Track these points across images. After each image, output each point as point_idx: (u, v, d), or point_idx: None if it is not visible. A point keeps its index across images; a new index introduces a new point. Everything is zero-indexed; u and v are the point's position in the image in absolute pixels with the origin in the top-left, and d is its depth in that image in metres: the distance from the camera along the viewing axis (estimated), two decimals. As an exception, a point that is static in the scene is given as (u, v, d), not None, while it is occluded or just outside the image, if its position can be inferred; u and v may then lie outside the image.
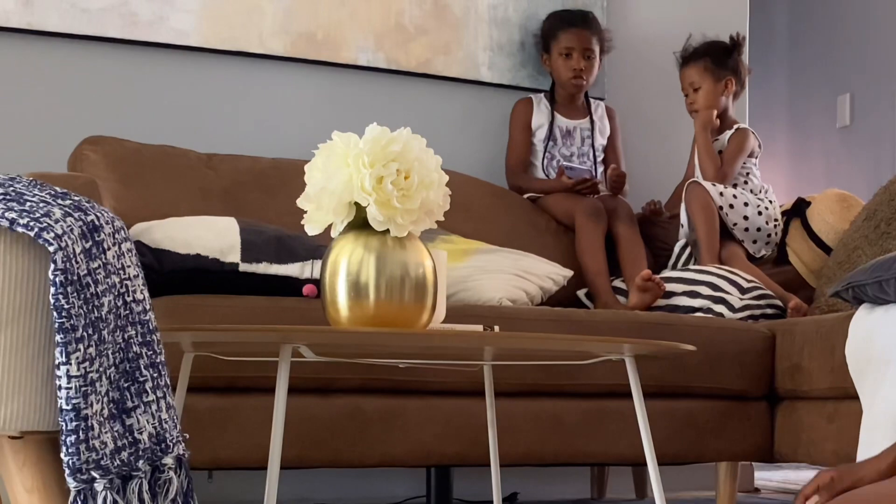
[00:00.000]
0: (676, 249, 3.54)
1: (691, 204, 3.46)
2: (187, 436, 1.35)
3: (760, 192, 3.58)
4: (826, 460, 2.75)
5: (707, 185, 3.48)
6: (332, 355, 2.11)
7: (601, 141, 3.71)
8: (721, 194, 3.47)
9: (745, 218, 3.48)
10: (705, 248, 3.39)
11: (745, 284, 3.17)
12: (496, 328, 2.19)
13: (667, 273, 3.33)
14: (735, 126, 3.65)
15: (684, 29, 3.85)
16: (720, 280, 3.18)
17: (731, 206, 3.47)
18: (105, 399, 1.24)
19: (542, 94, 3.71)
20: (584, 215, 3.45)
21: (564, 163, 3.61)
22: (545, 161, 3.63)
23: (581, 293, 3.36)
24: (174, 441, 1.31)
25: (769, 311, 3.17)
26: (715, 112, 3.61)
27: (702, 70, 3.64)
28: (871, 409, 2.40)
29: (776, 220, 3.55)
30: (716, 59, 3.65)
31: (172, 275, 2.50)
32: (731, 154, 3.58)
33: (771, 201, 3.57)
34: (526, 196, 3.59)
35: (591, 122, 3.70)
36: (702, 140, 3.57)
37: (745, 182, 3.58)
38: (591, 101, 3.73)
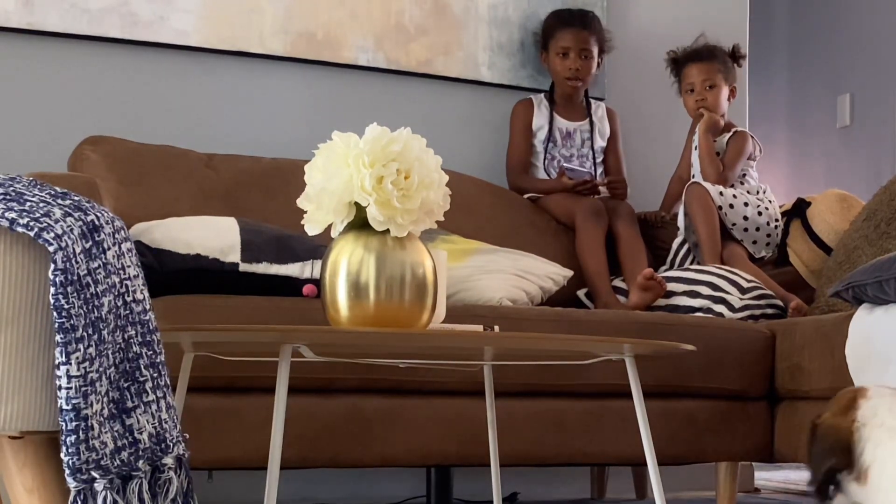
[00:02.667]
0: (674, 246, 3.54)
1: (691, 205, 3.46)
2: (187, 436, 1.35)
3: (758, 192, 3.58)
4: (826, 460, 2.74)
5: (707, 185, 3.48)
6: (332, 355, 2.11)
7: (601, 143, 3.71)
8: (721, 194, 3.47)
9: (745, 218, 3.48)
10: (706, 248, 3.39)
11: (746, 284, 3.17)
12: (496, 328, 2.19)
13: (667, 273, 3.33)
14: (733, 129, 3.65)
15: (684, 29, 3.85)
16: (720, 280, 3.18)
17: (731, 206, 3.47)
18: (105, 399, 1.24)
19: (541, 95, 3.71)
20: (584, 215, 3.45)
21: (565, 164, 3.61)
22: (546, 162, 3.63)
23: (581, 293, 3.36)
24: (174, 441, 1.31)
25: (769, 311, 3.16)
26: (721, 116, 3.62)
27: (719, 70, 3.64)
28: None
29: (776, 219, 3.55)
30: (729, 64, 3.66)
31: (172, 275, 2.50)
32: (731, 158, 3.58)
33: (770, 201, 3.57)
34: (526, 196, 3.59)
35: (591, 123, 3.70)
36: (705, 143, 3.56)
37: (742, 183, 3.59)
38: (592, 101, 3.73)
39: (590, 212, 3.45)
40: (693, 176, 3.63)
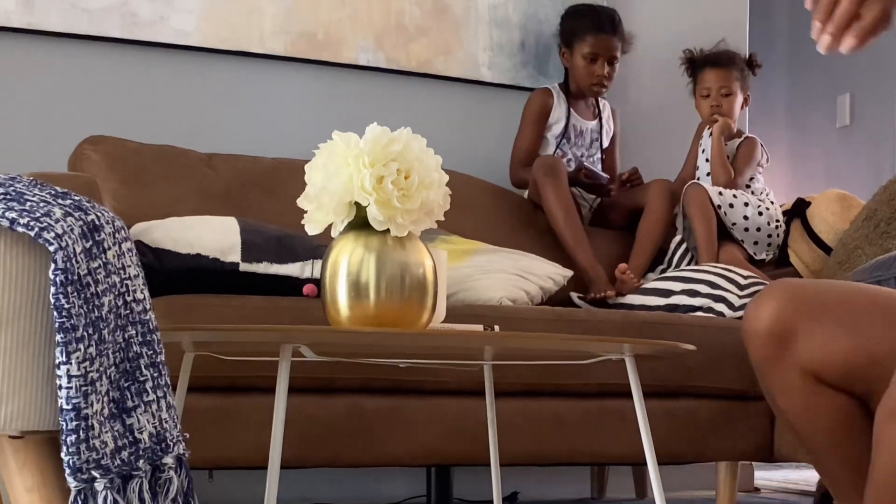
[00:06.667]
0: (672, 246, 3.54)
1: (689, 205, 3.46)
2: (188, 435, 1.35)
3: (761, 193, 3.59)
4: (826, 460, 2.74)
5: (706, 185, 3.48)
6: (332, 355, 2.11)
7: (605, 143, 3.70)
8: (720, 194, 3.47)
9: (745, 218, 3.48)
10: (704, 249, 3.40)
11: (743, 281, 3.17)
12: (496, 328, 2.19)
13: (665, 273, 3.33)
14: (744, 136, 3.66)
15: (685, 29, 3.86)
16: (718, 278, 3.18)
17: (731, 206, 3.47)
18: (105, 399, 1.24)
19: (557, 87, 3.65)
20: (541, 172, 3.41)
21: (587, 165, 3.58)
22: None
23: (574, 296, 3.33)
24: (174, 441, 1.31)
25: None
26: (734, 122, 3.63)
27: (737, 77, 3.64)
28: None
29: (777, 220, 3.55)
30: (746, 72, 3.67)
31: (172, 275, 2.50)
32: (742, 164, 3.58)
33: (772, 202, 3.57)
34: (526, 195, 3.58)
35: (600, 124, 3.69)
36: (717, 148, 3.56)
37: (748, 186, 3.59)
38: (598, 100, 3.71)
39: (545, 169, 3.41)
40: (698, 179, 3.63)
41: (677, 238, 3.53)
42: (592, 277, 3.31)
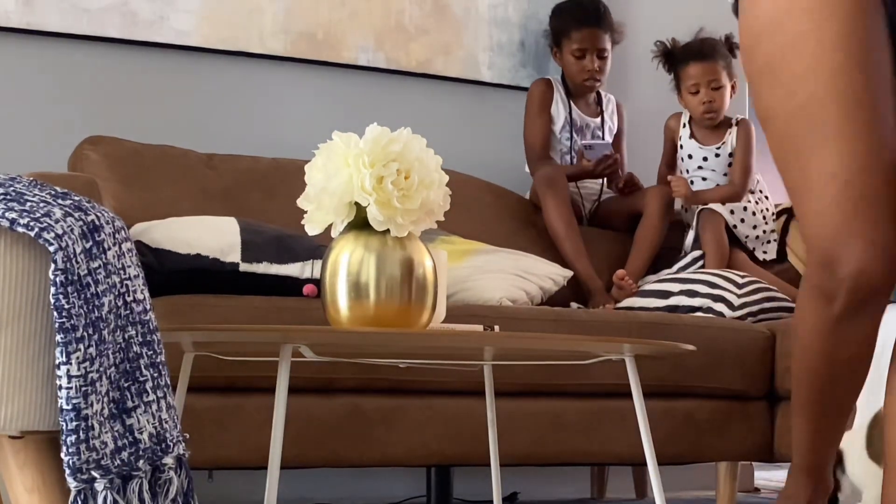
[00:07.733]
0: (688, 259, 3.47)
1: (705, 233, 3.41)
2: (187, 436, 1.35)
3: (755, 184, 3.57)
4: (826, 460, 2.74)
5: (719, 208, 3.42)
6: (332, 355, 2.11)
7: (609, 139, 3.68)
8: (732, 212, 3.44)
9: (754, 227, 3.48)
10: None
11: (741, 280, 3.17)
12: (496, 328, 2.19)
13: (663, 276, 3.33)
14: (736, 118, 3.59)
15: (683, 25, 3.84)
16: (716, 278, 3.19)
17: (743, 221, 3.46)
18: (105, 399, 1.24)
19: (559, 79, 3.62)
20: (542, 184, 3.41)
21: (582, 142, 3.54)
22: (560, 152, 3.59)
23: (574, 306, 3.32)
24: (174, 441, 1.31)
25: (767, 304, 3.16)
26: (687, 184, 3.54)
27: (723, 67, 3.52)
28: (868, 410, 2.41)
29: (773, 213, 3.55)
30: (729, 58, 3.57)
31: (172, 275, 2.50)
32: (746, 155, 3.51)
33: (767, 197, 3.58)
34: (528, 195, 3.58)
35: (602, 120, 3.67)
36: (708, 198, 3.50)
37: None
38: (602, 95, 3.69)
39: (546, 181, 3.41)
40: (686, 172, 3.59)
41: (696, 253, 3.45)
42: (592, 289, 3.31)
